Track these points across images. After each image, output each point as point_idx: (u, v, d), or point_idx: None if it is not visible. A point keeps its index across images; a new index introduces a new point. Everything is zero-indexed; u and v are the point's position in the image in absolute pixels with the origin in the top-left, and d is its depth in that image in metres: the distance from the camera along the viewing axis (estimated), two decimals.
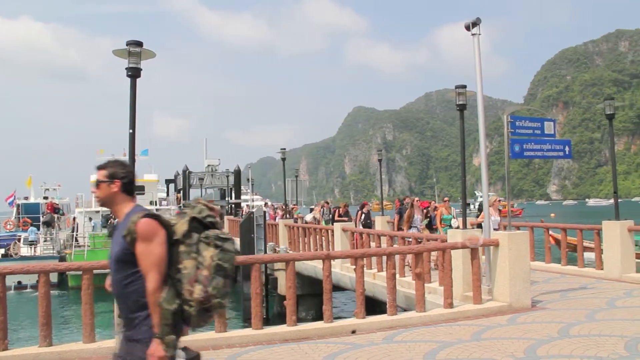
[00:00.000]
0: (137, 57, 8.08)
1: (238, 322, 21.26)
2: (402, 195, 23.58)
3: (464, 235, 10.35)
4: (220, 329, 8.29)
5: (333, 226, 17.54)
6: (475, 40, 10.26)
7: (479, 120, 10.28)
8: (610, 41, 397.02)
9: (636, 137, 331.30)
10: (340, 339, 8.19)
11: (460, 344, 7.58)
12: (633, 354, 6.78)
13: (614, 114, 13.22)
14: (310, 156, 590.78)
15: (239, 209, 48.40)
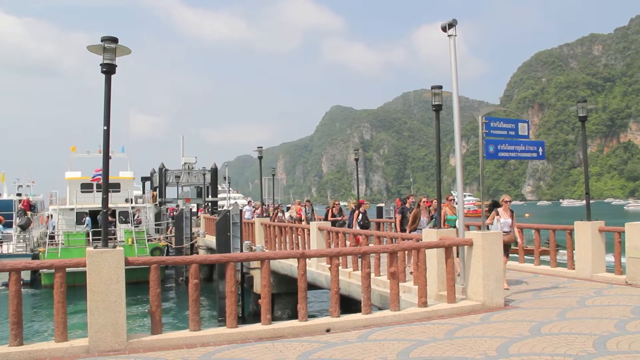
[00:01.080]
0: (112, 53, 7.99)
1: (213, 320, 21.21)
2: (405, 194, 21.78)
3: (439, 234, 10.43)
4: (194, 328, 8.25)
5: (309, 225, 17.57)
6: (452, 41, 10.34)
7: (455, 120, 10.36)
8: (585, 45, 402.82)
9: (609, 140, 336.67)
10: (314, 337, 8.20)
11: (433, 342, 7.65)
12: (601, 351, 6.91)
13: (587, 116, 13.41)
14: (287, 155, 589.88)
15: (216, 206, 48.10)
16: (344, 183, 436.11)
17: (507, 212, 12.42)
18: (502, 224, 12.17)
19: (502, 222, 12.21)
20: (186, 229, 34.91)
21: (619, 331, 7.91)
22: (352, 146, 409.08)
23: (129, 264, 7.95)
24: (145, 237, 34.09)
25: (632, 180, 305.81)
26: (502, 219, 12.26)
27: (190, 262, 8.61)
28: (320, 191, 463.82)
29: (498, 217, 12.25)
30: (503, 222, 12.22)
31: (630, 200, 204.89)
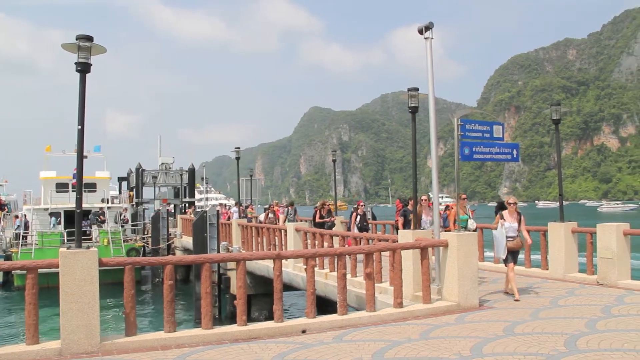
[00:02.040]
0: (86, 51, 7.90)
1: (191, 322, 21.09)
2: (403, 195, 20.20)
3: (415, 235, 10.49)
4: (170, 329, 8.21)
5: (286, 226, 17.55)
6: (428, 44, 10.42)
7: (431, 122, 10.44)
8: (560, 49, 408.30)
9: (583, 142, 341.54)
10: (290, 338, 8.20)
11: (408, 342, 7.69)
12: (572, 350, 7.02)
13: (560, 119, 13.61)
14: (266, 156, 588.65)
15: (193, 207, 47.83)
16: (322, 184, 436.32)
17: (513, 216, 11.38)
18: (506, 229, 11.25)
19: (507, 227, 11.26)
20: (163, 229, 34.66)
21: (589, 330, 8.05)
22: (331, 147, 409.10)
23: (103, 264, 7.86)
24: (121, 237, 33.79)
25: (605, 182, 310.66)
26: (506, 222, 11.29)
27: (165, 263, 8.55)
28: (298, 192, 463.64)
29: (502, 222, 11.28)
30: (508, 227, 11.27)
31: (603, 201, 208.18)
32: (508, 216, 11.32)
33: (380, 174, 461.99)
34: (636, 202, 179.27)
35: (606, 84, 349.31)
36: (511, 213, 11.38)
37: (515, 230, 11.27)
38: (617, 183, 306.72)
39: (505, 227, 11.23)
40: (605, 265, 12.19)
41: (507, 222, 11.28)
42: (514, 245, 11.22)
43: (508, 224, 11.26)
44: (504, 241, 11.14)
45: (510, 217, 11.32)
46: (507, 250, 11.13)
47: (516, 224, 11.31)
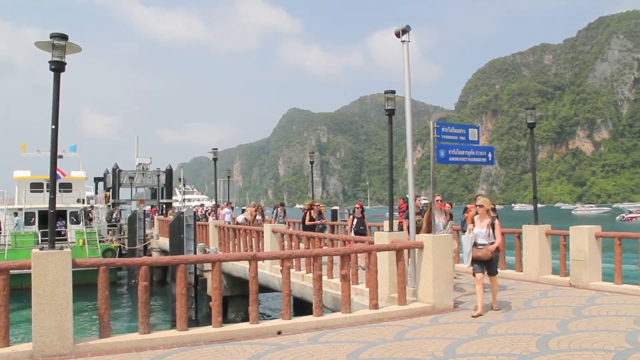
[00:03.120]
0: (61, 50, 7.82)
1: (167, 323, 20.96)
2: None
3: (390, 237, 10.55)
4: (144, 331, 8.15)
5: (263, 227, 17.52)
6: (405, 47, 10.50)
7: (407, 124, 10.52)
8: (536, 54, 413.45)
9: (558, 146, 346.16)
10: (265, 339, 8.20)
11: (383, 344, 7.74)
12: (543, 350, 7.13)
13: (535, 123, 13.80)
14: (244, 157, 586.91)
15: (170, 208, 47.50)
16: (301, 186, 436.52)
17: (484, 220, 10.02)
18: (475, 235, 9.97)
19: (476, 233, 9.96)
20: (139, 230, 34.37)
21: (560, 331, 8.17)
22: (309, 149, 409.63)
23: (76, 265, 7.79)
24: (97, 238, 33.46)
25: (580, 186, 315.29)
26: (475, 228, 9.99)
27: (140, 264, 8.49)
28: (276, 193, 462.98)
29: (471, 227, 10.09)
30: (477, 233, 9.95)
31: (577, 205, 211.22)
32: (478, 221, 10.05)
33: (358, 176, 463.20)
34: (609, 206, 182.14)
35: (581, 89, 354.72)
36: (481, 217, 10.05)
37: (486, 236, 9.88)
38: (592, 186, 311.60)
39: (474, 233, 9.97)
40: (578, 267, 12.38)
41: (477, 228, 9.99)
42: (482, 255, 9.81)
43: (477, 229, 9.96)
44: (469, 248, 9.92)
45: (480, 221, 9.99)
46: (472, 258, 9.90)
47: (486, 229, 9.91)
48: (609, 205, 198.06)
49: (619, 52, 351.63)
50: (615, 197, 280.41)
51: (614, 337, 7.72)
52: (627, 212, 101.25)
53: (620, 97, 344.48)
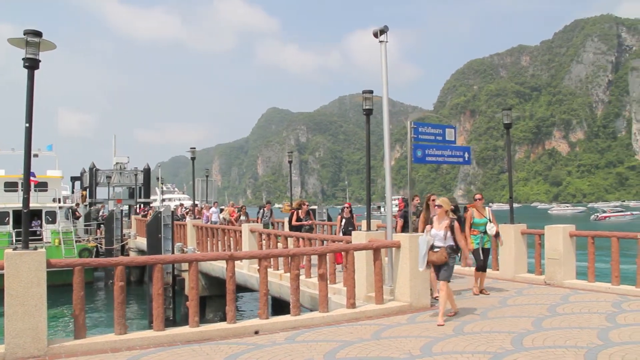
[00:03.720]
0: (35, 47, 7.71)
1: (146, 324, 20.78)
2: (419, 194, 16.45)
3: (368, 236, 10.59)
4: (120, 331, 8.08)
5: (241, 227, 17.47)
6: (383, 47, 10.55)
7: (384, 124, 10.56)
8: (514, 55, 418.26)
9: (535, 146, 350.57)
10: (242, 339, 8.19)
11: (360, 343, 7.77)
12: (518, 348, 7.21)
13: (511, 123, 13.96)
14: (223, 156, 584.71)
15: (149, 207, 47.17)
16: (280, 185, 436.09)
17: (443, 221, 9.38)
18: (432, 236, 9.32)
19: (433, 234, 9.31)
20: (117, 230, 34.06)
21: (535, 329, 8.28)
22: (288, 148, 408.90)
23: (51, 266, 7.69)
24: (73, 237, 33.09)
25: (556, 186, 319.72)
26: (433, 229, 9.35)
27: (116, 264, 8.41)
28: (255, 193, 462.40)
29: (429, 228, 9.44)
30: (434, 234, 9.31)
31: (553, 204, 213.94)
32: (436, 222, 9.43)
33: (337, 175, 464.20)
34: (584, 205, 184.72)
35: (557, 90, 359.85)
36: (439, 218, 9.40)
37: (442, 239, 9.22)
38: (567, 186, 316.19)
39: (431, 235, 9.30)
40: (553, 265, 12.55)
41: (434, 229, 9.32)
42: (436, 259, 9.18)
43: (435, 230, 9.29)
44: (424, 250, 9.20)
45: (438, 223, 9.35)
46: (427, 262, 9.25)
47: (444, 231, 9.23)
48: (584, 204, 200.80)
49: (594, 54, 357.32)
50: (590, 197, 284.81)
51: (586, 334, 7.85)
52: (601, 212, 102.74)
53: (594, 99, 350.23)
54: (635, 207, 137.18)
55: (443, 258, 9.17)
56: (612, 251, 11.72)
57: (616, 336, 7.70)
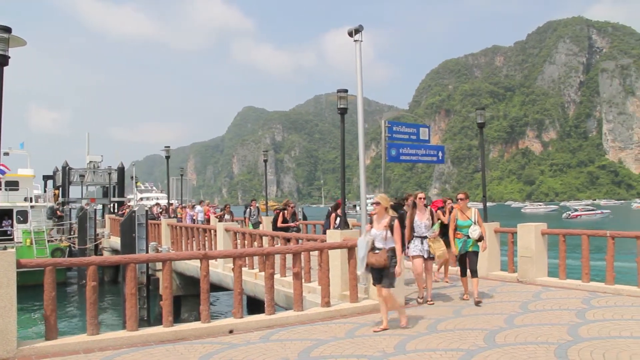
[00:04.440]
0: (4, 43, 7.57)
1: (119, 323, 20.58)
2: (398, 194, 15.22)
3: (343, 235, 10.62)
4: (92, 332, 7.99)
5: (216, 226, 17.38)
6: (358, 46, 10.57)
7: (359, 124, 10.59)
8: (488, 55, 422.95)
9: (509, 146, 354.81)
10: (217, 339, 8.16)
11: (334, 341, 7.79)
12: (490, 345, 7.30)
13: (485, 123, 14.11)
14: (198, 155, 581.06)
15: (123, 206, 46.66)
16: (255, 184, 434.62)
17: (382, 220, 8.59)
18: (372, 236, 8.55)
19: (373, 235, 8.54)
20: (90, 229, 33.64)
21: (507, 325, 8.39)
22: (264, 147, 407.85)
23: (21, 266, 7.57)
24: (45, 237, 32.61)
25: (529, 185, 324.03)
26: (373, 229, 8.60)
27: (89, 263, 8.32)
28: (231, 192, 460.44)
29: (369, 227, 8.84)
30: (374, 235, 8.54)
31: (527, 203, 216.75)
32: (376, 221, 8.66)
33: (313, 174, 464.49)
34: (557, 204, 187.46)
35: (530, 90, 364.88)
36: (379, 216, 8.58)
37: (382, 239, 8.43)
38: (540, 185, 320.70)
39: (371, 235, 8.55)
40: (525, 263, 12.73)
41: (374, 229, 8.58)
42: (375, 261, 8.37)
43: (375, 230, 8.54)
44: (364, 252, 8.46)
45: (378, 222, 8.56)
46: (366, 265, 8.50)
47: (384, 231, 8.44)
48: (557, 203, 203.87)
49: (566, 55, 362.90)
50: (563, 196, 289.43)
51: (557, 330, 7.98)
52: (573, 210, 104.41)
53: (567, 99, 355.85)
54: (606, 206, 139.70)
55: (382, 260, 8.34)
56: (582, 249, 11.93)
57: (585, 332, 7.84)
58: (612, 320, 8.60)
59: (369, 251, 8.45)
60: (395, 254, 8.43)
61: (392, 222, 8.45)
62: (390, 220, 8.47)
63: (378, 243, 8.45)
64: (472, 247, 10.57)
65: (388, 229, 8.41)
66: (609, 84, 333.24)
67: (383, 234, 8.42)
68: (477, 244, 10.54)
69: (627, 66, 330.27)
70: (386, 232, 8.41)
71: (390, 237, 8.42)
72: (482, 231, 10.52)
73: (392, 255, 8.41)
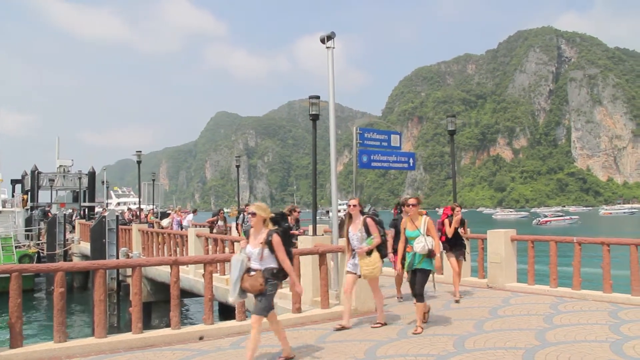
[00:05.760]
0: None
1: (89, 330, 20.28)
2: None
3: (314, 241, 10.64)
4: (60, 339, 7.87)
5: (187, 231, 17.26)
6: (330, 53, 10.63)
7: (330, 129, 10.63)
8: (460, 63, 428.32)
9: (480, 152, 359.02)
10: (187, 345, 8.10)
11: (305, 347, 7.79)
12: (460, 350, 7.38)
13: (455, 130, 14.28)
14: (171, 160, 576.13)
15: (93, 212, 46.04)
16: (228, 189, 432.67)
17: (259, 235, 6.92)
18: (247, 254, 6.92)
19: (248, 252, 6.91)
20: (59, 235, 33.10)
21: (476, 331, 8.49)
22: (237, 152, 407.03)
23: None
24: (12, 243, 32.02)
25: (500, 191, 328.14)
26: (248, 246, 7.01)
27: (56, 269, 8.19)
28: (203, 197, 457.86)
29: (243, 243, 7.24)
30: (249, 252, 6.89)
31: (498, 209, 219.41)
32: (252, 236, 7.01)
33: (286, 180, 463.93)
34: (527, 210, 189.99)
35: (502, 98, 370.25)
36: (255, 231, 6.99)
37: (258, 259, 6.82)
38: (511, 192, 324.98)
39: (247, 252, 6.93)
40: (495, 269, 12.89)
41: (249, 245, 6.94)
42: (249, 286, 6.77)
43: (250, 247, 6.91)
44: (237, 274, 6.81)
45: (254, 237, 6.97)
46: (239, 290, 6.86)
47: (260, 248, 6.80)
48: (527, 209, 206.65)
49: (536, 64, 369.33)
50: (533, 202, 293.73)
51: (525, 335, 8.09)
52: (543, 217, 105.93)
53: (537, 107, 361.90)
54: (575, 212, 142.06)
55: (257, 285, 6.73)
56: (550, 254, 12.13)
57: (552, 337, 7.97)
58: (578, 324, 8.76)
59: (244, 273, 6.85)
60: (277, 276, 6.87)
61: (269, 238, 6.80)
62: (267, 236, 6.82)
63: (253, 263, 6.84)
64: (420, 264, 8.68)
65: (265, 246, 6.80)
66: (577, 93, 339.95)
67: (259, 252, 6.79)
68: (428, 261, 8.68)
69: (595, 76, 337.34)
70: (262, 249, 6.80)
71: (269, 255, 6.80)
72: (435, 244, 8.64)
73: (270, 278, 6.82)
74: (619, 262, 12.24)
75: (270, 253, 6.80)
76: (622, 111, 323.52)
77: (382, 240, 8.99)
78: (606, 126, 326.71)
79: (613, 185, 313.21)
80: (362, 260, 8.81)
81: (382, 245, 8.96)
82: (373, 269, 8.77)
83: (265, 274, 6.80)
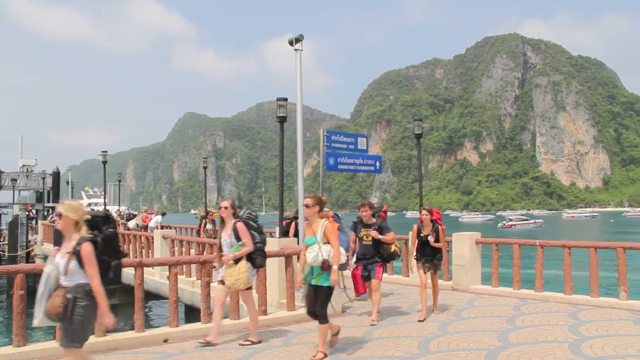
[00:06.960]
0: None
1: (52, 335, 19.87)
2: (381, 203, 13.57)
3: (280, 244, 10.63)
4: (19, 343, 7.70)
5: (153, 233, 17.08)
6: (298, 55, 10.64)
7: (298, 132, 10.64)
8: (428, 67, 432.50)
9: (447, 156, 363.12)
10: (151, 348, 8.01)
11: (270, 349, 7.77)
12: (424, 352, 7.45)
13: (422, 133, 14.42)
14: (138, 160, 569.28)
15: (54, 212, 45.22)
16: (196, 191, 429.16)
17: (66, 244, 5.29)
18: (56, 266, 5.27)
19: (56, 263, 5.28)
20: (22, 236, 32.42)
21: (441, 332, 8.58)
22: (205, 154, 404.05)
23: None
24: None
25: (467, 195, 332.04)
26: (57, 255, 5.31)
27: (16, 271, 8.02)
28: (171, 199, 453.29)
29: (55, 250, 6.04)
30: (57, 263, 5.27)
31: (464, 212, 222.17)
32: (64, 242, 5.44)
33: (254, 182, 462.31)
34: (493, 213, 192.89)
35: (469, 102, 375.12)
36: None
37: (63, 272, 5.22)
38: (477, 195, 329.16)
39: (55, 264, 5.30)
40: (459, 271, 13.04)
41: (58, 254, 5.31)
42: (50, 308, 5.22)
43: (58, 257, 5.31)
44: (41, 291, 5.28)
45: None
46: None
47: (65, 259, 5.22)
48: (493, 213, 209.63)
49: (502, 70, 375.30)
50: (499, 206, 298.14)
51: (488, 336, 8.21)
52: (508, 220, 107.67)
53: (503, 112, 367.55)
54: (539, 216, 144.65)
55: (56, 308, 5.18)
56: (514, 257, 12.32)
57: (514, 338, 8.11)
58: (539, 325, 8.92)
59: (53, 290, 5.28)
60: (83, 297, 5.22)
61: (76, 248, 5.21)
62: (76, 244, 5.23)
63: (62, 279, 5.25)
64: (318, 279, 7.27)
65: (73, 257, 5.21)
66: (542, 98, 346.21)
67: (64, 265, 5.21)
68: (324, 277, 7.25)
69: (559, 82, 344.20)
70: (67, 262, 5.22)
71: (77, 269, 5.21)
72: (332, 254, 7.14)
73: (78, 298, 5.20)
74: (579, 264, 12.51)
75: (78, 266, 5.19)
76: (584, 117, 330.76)
77: (258, 248, 7.95)
78: (569, 132, 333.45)
79: (575, 189, 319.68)
80: (227, 269, 7.85)
81: (257, 253, 7.97)
82: (236, 281, 7.76)
83: (74, 292, 5.19)
